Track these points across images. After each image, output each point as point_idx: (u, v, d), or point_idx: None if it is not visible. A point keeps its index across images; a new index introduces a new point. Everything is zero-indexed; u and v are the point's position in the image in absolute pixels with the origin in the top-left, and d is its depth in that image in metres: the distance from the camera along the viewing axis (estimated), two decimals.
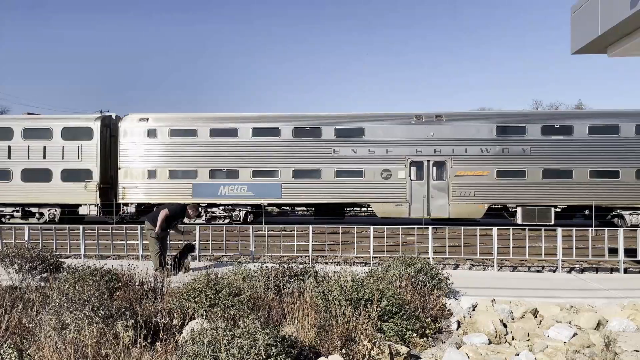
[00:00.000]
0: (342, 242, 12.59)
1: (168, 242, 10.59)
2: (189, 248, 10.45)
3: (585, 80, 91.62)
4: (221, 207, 20.45)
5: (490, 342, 6.42)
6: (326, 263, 11.42)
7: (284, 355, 4.44)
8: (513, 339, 6.68)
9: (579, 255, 11.30)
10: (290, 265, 7.87)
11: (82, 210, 20.92)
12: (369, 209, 21.08)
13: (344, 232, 13.24)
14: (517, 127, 19.55)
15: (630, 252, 11.00)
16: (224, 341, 4.30)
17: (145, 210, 20.78)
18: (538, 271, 11.85)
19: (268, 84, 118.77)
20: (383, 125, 20.04)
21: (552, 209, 19.05)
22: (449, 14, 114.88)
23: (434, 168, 19.72)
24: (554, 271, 11.48)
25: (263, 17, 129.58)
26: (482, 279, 10.12)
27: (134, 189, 20.61)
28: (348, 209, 21.35)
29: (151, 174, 20.54)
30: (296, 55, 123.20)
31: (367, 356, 5.17)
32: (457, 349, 5.97)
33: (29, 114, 23.98)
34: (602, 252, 11.34)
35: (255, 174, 20.24)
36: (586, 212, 19.63)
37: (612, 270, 11.66)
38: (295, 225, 12.82)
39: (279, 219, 22.93)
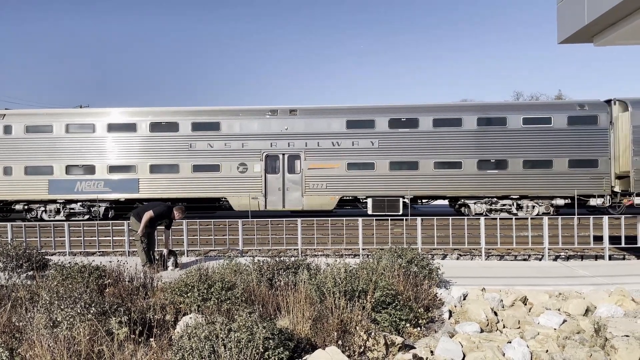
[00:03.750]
0: (331, 234, 12.57)
1: (155, 237, 10.44)
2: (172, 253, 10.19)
3: (568, 71, 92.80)
4: (79, 203, 20.36)
5: (482, 331, 6.49)
6: (316, 256, 11.41)
7: (281, 348, 4.42)
8: (504, 326, 6.76)
9: (565, 243, 11.46)
10: (282, 259, 7.84)
11: None
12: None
13: (332, 224, 13.23)
14: (366, 121, 19.91)
15: (614, 240, 11.18)
16: (221, 335, 4.26)
17: (4, 208, 20.78)
18: (525, 259, 12.00)
19: (266, 81, 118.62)
20: (239, 120, 20.18)
21: (400, 200, 19.59)
22: (438, 9, 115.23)
23: (289, 161, 20.00)
24: (540, 259, 11.65)
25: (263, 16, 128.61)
26: (470, 268, 10.21)
27: None
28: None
29: (7, 170, 20.33)
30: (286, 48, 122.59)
31: (363, 347, 5.18)
32: (451, 337, 6.02)
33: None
34: (587, 240, 11.52)
35: (112, 169, 20.17)
36: (435, 202, 20.47)
37: (596, 257, 11.86)
38: (284, 219, 12.77)
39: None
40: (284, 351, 4.43)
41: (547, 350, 5.69)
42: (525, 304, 7.56)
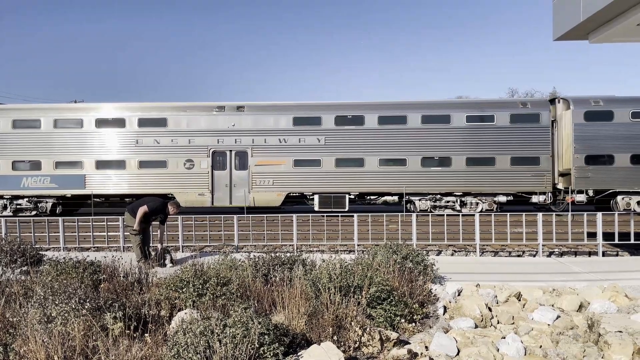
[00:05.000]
0: (326, 230, 12.58)
1: (150, 232, 10.41)
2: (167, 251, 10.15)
3: (566, 69, 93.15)
4: (26, 199, 20.29)
5: (476, 326, 6.51)
6: (311, 252, 11.42)
7: (276, 343, 4.42)
8: (498, 322, 6.78)
9: (559, 239, 11.52)
10: (277, 254, 7.83)
11: None
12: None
13: (328, 220, 13.26)
14: (313, 118, 20.06)
15: (607, 236, 11.25)
16: (217, 331, 4.26)
17: None
18: (519, 256, 12.07)
19: (266, 77, 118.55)
20: (186, 116, 20.20)
21: (347, 196, 19.80)
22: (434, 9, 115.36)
23: (236, 158, 20.08)
24: (534, 256, 11.70)
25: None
26: (465, 264, 10.24)
27: None
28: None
29: None
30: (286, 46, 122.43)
31: (358, 342, 5.20)
32: (445, 333, 6.04)
33: None
34: (580, 236, 11.58)
35: (58, 165, 20.13)
36: (385, 199, 20.86)
37: (590, 253, 11.94)
38: (279, 215, 12.77)
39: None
40: (279, 346, 4.44)
41: (540, 346, 5.72)
42: (519, 300, 7.58)
